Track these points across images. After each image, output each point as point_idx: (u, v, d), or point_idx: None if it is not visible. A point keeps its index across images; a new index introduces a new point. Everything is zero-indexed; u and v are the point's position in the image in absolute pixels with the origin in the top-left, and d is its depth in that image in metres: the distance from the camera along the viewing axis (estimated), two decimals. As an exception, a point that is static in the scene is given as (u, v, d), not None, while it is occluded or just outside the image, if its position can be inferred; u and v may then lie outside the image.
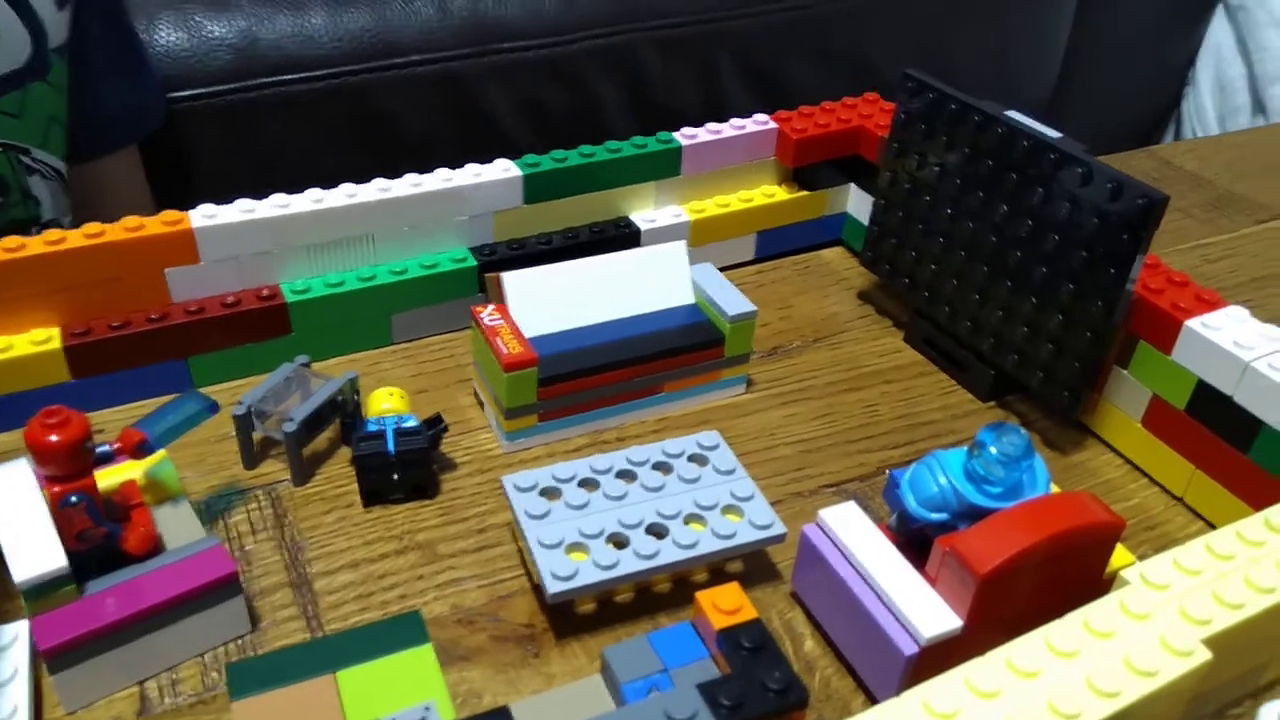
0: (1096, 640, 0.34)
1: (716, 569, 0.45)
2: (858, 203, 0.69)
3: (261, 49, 1.07)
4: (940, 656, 0.38)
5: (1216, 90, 1.61)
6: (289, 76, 1.07)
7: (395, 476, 0.48)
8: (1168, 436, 0.51)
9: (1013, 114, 0.52)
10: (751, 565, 0.46)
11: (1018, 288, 0.53)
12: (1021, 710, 0.31)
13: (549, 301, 0.54)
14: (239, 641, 0.41)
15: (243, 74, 1.06)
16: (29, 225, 0.70)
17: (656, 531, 0.43)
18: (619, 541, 0.42)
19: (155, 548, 0.41)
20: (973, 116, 0.53)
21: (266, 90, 1.07)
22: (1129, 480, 0.53)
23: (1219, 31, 1.58)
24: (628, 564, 0.41)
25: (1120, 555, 0.42)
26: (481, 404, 0.54)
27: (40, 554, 0.37)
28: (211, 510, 0.47)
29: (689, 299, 0.56)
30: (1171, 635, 0.34)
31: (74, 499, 0.38)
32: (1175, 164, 0.87)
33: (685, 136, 0.64)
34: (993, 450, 0.39)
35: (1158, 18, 1.58)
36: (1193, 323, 0.49)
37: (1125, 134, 1.58)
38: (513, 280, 0.53)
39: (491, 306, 0.52)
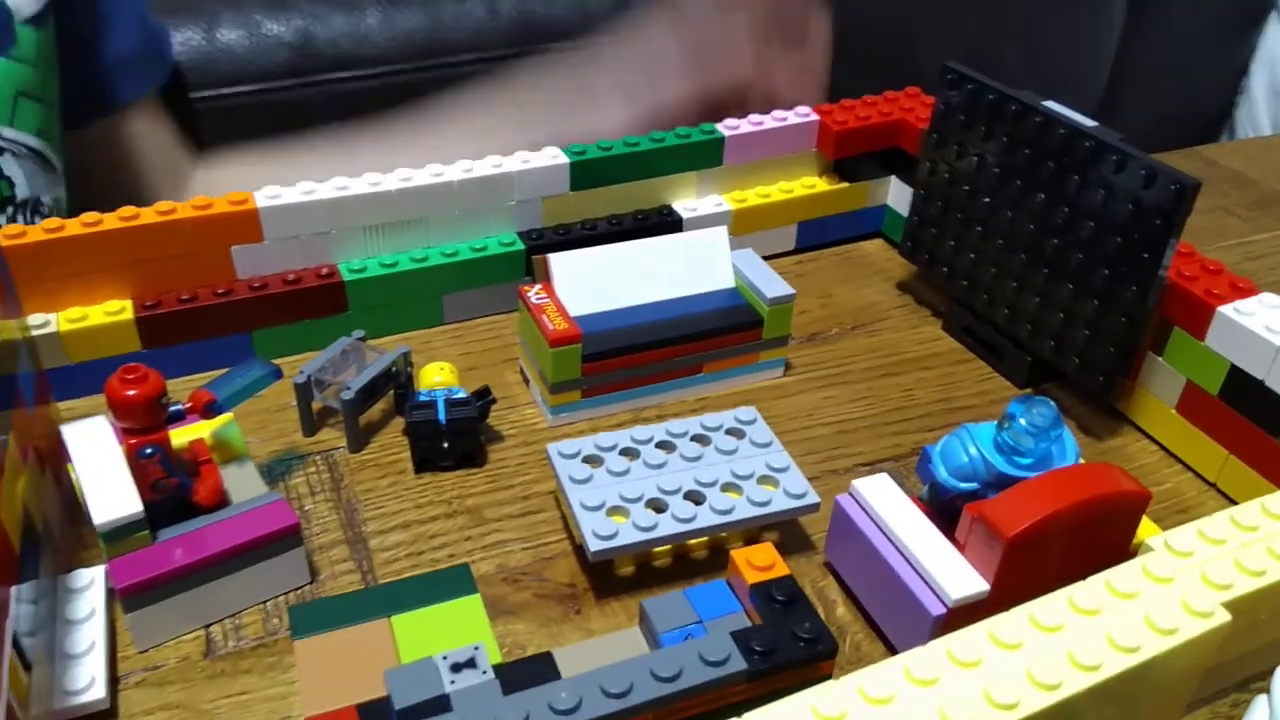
0: (1118, 600, 0.35)
1: (751, 537, 0.47)
2: (898, 195, 0.70)
3: (318, 47, 1.10)
4: (967, 620, 0.39)
5: (1271, 97, 1.59)
6: (343, 74, 1.11)
7: (445, 445, 0.50)
8: (1201, 422, 0.52)
9: (1050, 104, 0.54)
10: (786, 536, 0.48)
11: (1054, 275, 0.54)
12: (1042, 661, 0.32)
13: (594, 282, 0.55)
14: (299, 591, 0.44)
15: (299, 71, 1.10)
16: (4, 206, 0.69)
17: (694, 498, 0.45)
18: (658, 506, 0.44)
19: (223, 500, 0.43)
20: (1010, 106, 0.54)
21: (322, 87, 1.10)
22: (1163, 466, 0.53)
23: (1273, 38, 1.56)
24: (666, 527, 0.43)
25: (1149, 529, 0.43)
26: (527, 380, 0.56)
27: (118, 500, 0.40)
28: (272, 473, 0.50)
29: (729, 283, 0.58)
30: (1192, 597, 0.35)
31: (149, 451, 0.41)
32: (1221, 164, 0.87)
33: (727, 127, 0.65)
34: (1022, 421, 0.40)
35: (1208, 25, 1.56)
36: (1226, 309, 0.49)
37: (1177, 143, 1.58)
38: (559, 261, 0.55)
39: (538, 286, 0.54)
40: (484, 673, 0.35)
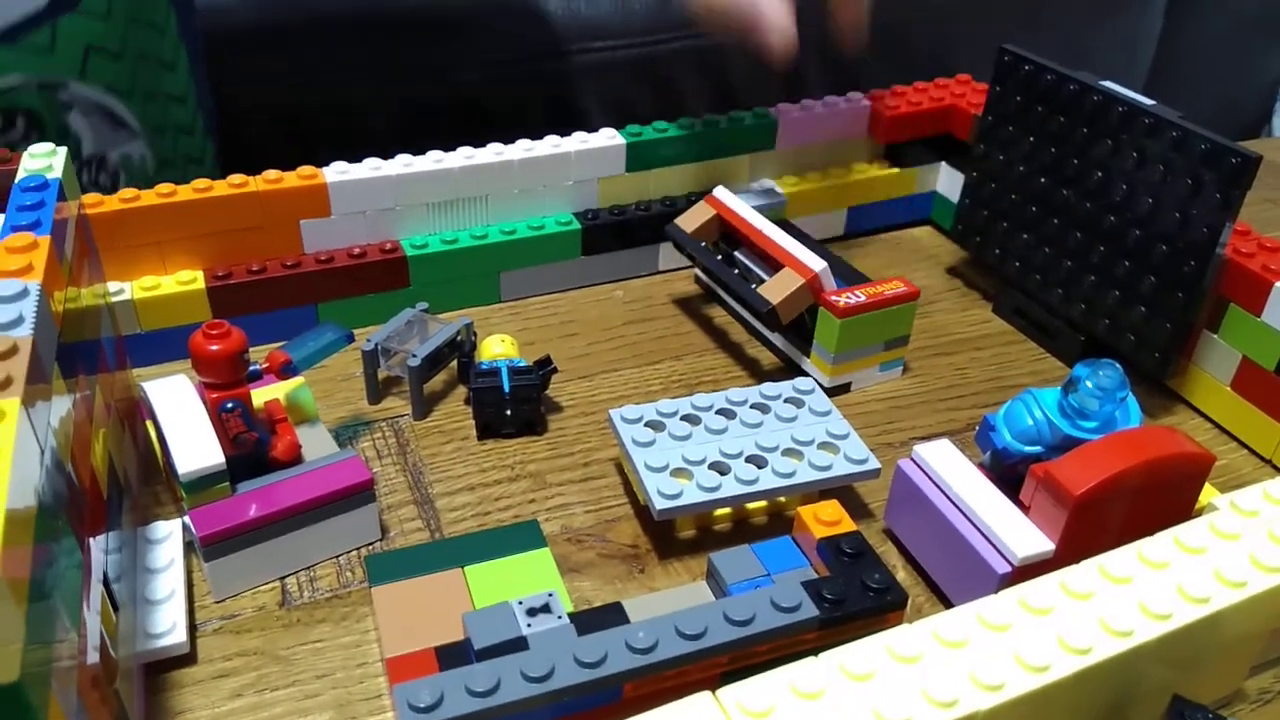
0: (1187, 555, 0.35)
1: (810, 503, 0.48)
2: (948, 182, 0.71)
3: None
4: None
5: (1311, 104, 1.58)
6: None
7: (508, 412, 0.51)
8: (1257, 398, 0.52)
9: (1107, 83, 0.54)
10: (845, 504, 0.48)
11: (1111, 252, 0.54)
12: (1114, 610, 0.33)
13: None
14: (370, 547, 0.45)
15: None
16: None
17: (756, 461, 0.46)
18: (721, 469, 0.45)
19: (299, 456, 0.44)
20: (1069, 86, 0.54)
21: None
22: (1218, 443, 0.54)
23: (1314, 44, 1.55)
24: (729, 488, 0.44)
25: (1209, 497, 0.43)
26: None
27: (201, 451, 0.41)
28: (340, 438, 0.51)
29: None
30: (1261, 553, 0.35)
31: (230, 405, 0.42)
32: (1266, 158, 0.87)
33: (780, 111, 0.66)
34: (1088, 384, 0.40)
35: (1245, 32, 1.56)
36: (1285, 284, 0.50)
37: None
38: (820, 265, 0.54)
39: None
40: (559, 617, 0.36)
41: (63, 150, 0.44)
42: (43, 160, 0.44)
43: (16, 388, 0.30)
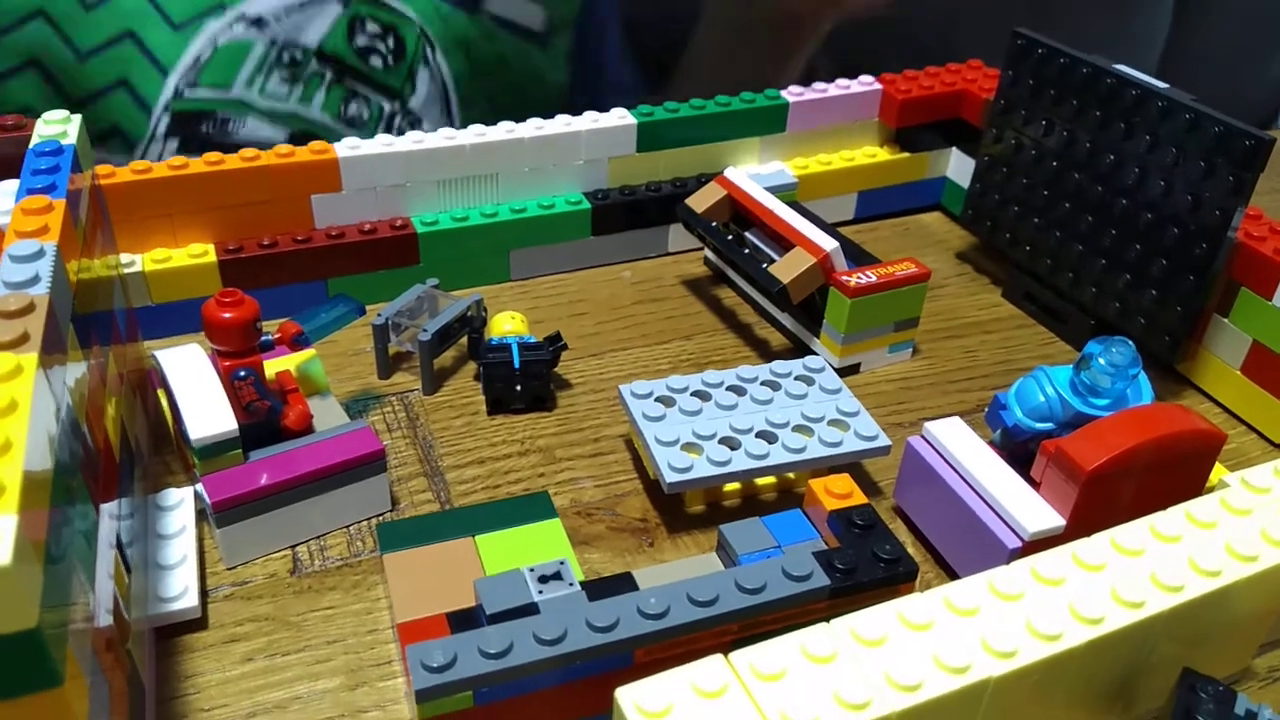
0: (1199, 529, 0.35)
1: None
2: (958, 167, 0.70)
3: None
4: (1041, 555, 0.39)
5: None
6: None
7: (518, 387, 0.51)
8: (1267, 382, 0.52)
9: (1120, 67, 0.54)
10: (854, 481, 0.48)
11: (1122, 235, 0.54)
12: (1126, 581, 0.33)
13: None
14: (381, 518, 0.45)
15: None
16: None
17: (766, 437, 0.46)
18: (731, 444, 0.45)
19: (310, 426, 0.44)
20: (1082, 69, 0.54)
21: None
22: (1227, 428, 0.53)
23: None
24: (739, 462, 0.44)
25: (1219, 475, 0.43)
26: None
27: (214, 418, 0.41)
28: (350, 411, 0.51)
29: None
30: (1272, 528, 0.35)
31: (243, 373, 0.42)
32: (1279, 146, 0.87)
33: (792, 94, 0.66)
34: (1101, 360, 0.40)
35: (1255, 28, 1.55)
36: (1297, 268, 0.50)
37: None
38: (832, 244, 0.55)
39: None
40: (570, 585, 0.36)
41: (77, 118, 0.44)
42: (57, 127, 0.44)
43: (34, 343, 0.30)
